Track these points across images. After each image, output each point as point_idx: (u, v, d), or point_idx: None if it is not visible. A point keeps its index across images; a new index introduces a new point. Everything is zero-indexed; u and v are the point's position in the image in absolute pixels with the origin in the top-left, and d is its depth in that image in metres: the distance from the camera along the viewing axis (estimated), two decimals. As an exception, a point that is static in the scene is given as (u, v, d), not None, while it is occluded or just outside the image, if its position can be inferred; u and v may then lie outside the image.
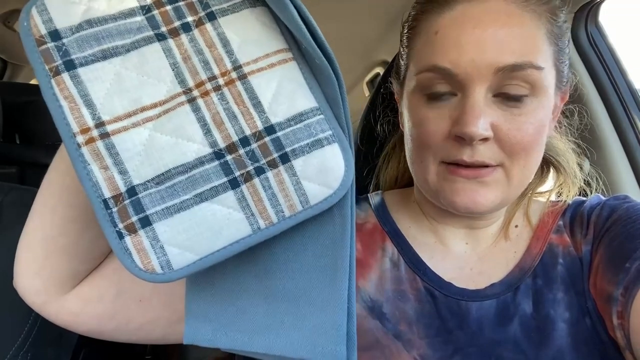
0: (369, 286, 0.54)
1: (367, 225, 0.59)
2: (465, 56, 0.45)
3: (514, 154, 0.47)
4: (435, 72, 0.48)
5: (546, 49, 0.47)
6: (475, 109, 0.45)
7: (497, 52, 0.45)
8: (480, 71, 0.45)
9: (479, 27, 0.45)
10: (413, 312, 0.52)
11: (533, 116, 0.47)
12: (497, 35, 0.45)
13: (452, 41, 0.47)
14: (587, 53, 1.02)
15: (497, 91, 0.46)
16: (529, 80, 0.45)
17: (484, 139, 0.46)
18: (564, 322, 0.49)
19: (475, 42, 0.45)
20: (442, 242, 0.57)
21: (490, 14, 0.46)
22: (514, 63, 0.45)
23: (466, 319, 0.51)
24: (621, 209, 0.52)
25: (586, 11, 1.01)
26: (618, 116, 0.97)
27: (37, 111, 1.14)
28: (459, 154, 0.47)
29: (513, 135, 0.46)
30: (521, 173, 0.48)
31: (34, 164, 1.13)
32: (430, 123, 0.49)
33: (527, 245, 0.55)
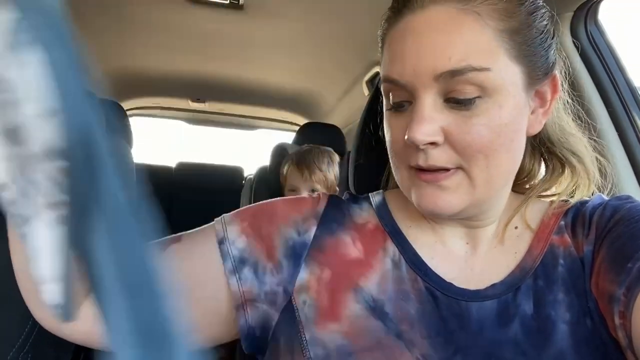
0: (370, 286, 0.54)
1: (368, 225, 0.59)
2: (408, 66, 0.48)
3: (469, 156, 0.47)
4: (388, 82, 0.51)
5: (496, 48, 0.47)
6: (418, 115, 0.47)
7: (434, 59, 0.46)
8: (422, 79, 0.47)
9: (418, 37, 0.48)
10: (415, 312, 0.52)
11: (486, 117, 0.47)
12: (435, 43, 0.46)
13: (398, 53, 0.49)
14: (586, 51, 1.02)
15: (446, 96, 0.47)
16: (474, 82, 0.46)
17: (432, 144, 0.47)
18: (565, 323, 0.49)
19: (415, 51, 0.47)
20: (442, 242, 0.57)
21: (429, 23, 0.47)
22: (452, 69, 0.45)
23: (467, 319, 0.51)
24: (623, 209, 0.52)
25: (585, 9, 1.01)
26: (618, 115, 0.97)
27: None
28: (414, 159, 0.49)
29: (463, 139, 0.47)
30: (485, 174, 0.48)
31: (34, 165, 1.13)
32: (393, 131, 0.52)
33: (529, 246, 0.55)
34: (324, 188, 1.60)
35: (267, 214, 0.58)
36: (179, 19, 1.67)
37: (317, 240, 0.57)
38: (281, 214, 0.58)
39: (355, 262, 0.56)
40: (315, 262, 0.56)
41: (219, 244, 0.55)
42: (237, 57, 2.05)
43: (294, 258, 0.55)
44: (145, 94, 2.68)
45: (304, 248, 0.56)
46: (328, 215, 0.59)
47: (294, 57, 2.00)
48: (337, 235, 0.58)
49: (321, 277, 0.55)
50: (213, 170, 2.90)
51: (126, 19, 1.69)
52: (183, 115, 3.05)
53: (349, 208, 0.62)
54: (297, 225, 0.58)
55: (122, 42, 1.95)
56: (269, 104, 2.76)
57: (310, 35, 1.73)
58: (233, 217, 0.58)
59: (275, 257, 0.55)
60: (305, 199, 0.62)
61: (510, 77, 0.48)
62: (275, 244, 0.56)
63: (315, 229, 0.58)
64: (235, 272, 0.54)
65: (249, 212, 0.59)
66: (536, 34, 0.49)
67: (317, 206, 0.60)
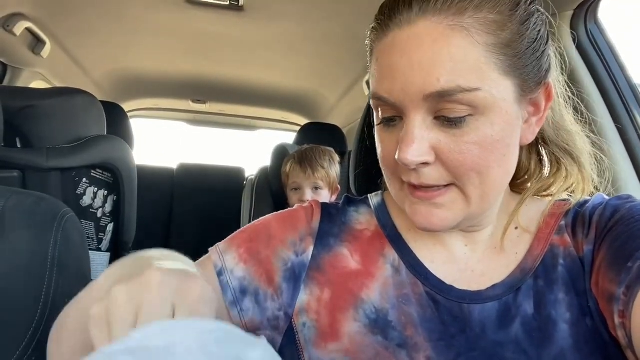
0: (373, 295, 0.54)
1: (365, 233, 0.59)
2: (397, 85, 0.46)
3: (462, 175, 0.47)
4: (377, 99, 0.50)
5: (485, 65, 0.45)
6: (408, 136, 0.46)
7: (423, 79, 0.44)
8: (411, 98, 0.46)
9: (405, 54, 0.45)
10: (417, 316, 0.52)
11: (478, 136, 0.45)
12: (423, 62, 0.44)
13: (386, 70, 0.48)
14: (586, 50, 1.02)
15: (436, 114, 0.46)
16: (464, 102, 0.44)
17: (424, 164, 0.47)
18: (565, 323, 0.49)
19: (403, 70, 0.46)
20: (442, 245, 0.57)
21: (417, 39, 0.45)
22: (441, 90, 0.44)
23: (468, 322, 0.51)
24: (624, 209, 0.51)
25: (585, 8, 1.01)
26: (618, 113, 0.97)
27: (37, 115, 1.14)
28: (407, 177, 0.49)
29: (455, 158, 0.46)
30: (479, 191, 0.47)
31: (36, 168, 1.13)
32: (384, 146, 0.51)
33: (529, 247, 0.55)
34: (326, 185, 1.61)
35: (263, 236, 0.57)
36: (179, 21, 1.68)
37: (315, 260, 0.57)
38: (277, 235, 0.57)
39: (355, 273, 0.55)
40: (314, 283, 0.55)
41: (218, 275, 0.54)
42: (238, 58, 2.05)
43: (293, 280, 0.55)
44: (146, 95, 2.68)
45: (303, 269, 0.56)
46: (324, 230, 0.59)
47: (293, 57, 2.00)
48: (335, 250, 0.57)
49: (321, 297, 0.54)
50: (214, 171, 2.90)
51: (127, 21, 1.69)
52: (184, 116, 3.05)
53: (345, 215, 0.61)
54: (294, 246, 0.57)
55: (123, 44, 1.95)
56: (270, 105, 2.76)
57: (310, 36, 1.73)
58: (228, 244, 0.57)
59: (275, 281, 0.55)
60: (298, 213, 0.61)
61: (502, 92, 0.46)
62: (275, 268, 0.55)
63: (313, 248, 0.57)
64: (236, 304, 0.53)
65: (244, 236, 0.58)
66: (528, 43, 0.47)
67: (312, 222, 0.59)
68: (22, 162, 1.11)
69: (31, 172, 1.13)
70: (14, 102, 1.10)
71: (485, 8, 0.45)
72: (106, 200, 1.41)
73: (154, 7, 1.57)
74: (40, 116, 1.15)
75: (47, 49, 1.73)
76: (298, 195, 1.62)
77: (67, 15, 1.62)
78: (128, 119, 1.88)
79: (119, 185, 1.42)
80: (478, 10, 0.45)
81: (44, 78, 1.94)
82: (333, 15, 1.54)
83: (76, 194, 1.26)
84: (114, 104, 1.86)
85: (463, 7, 0.44)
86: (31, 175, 1.13)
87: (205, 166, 2.91)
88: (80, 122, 1.29)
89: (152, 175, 2.68)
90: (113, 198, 1.44)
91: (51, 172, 1.16)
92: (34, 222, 0.74)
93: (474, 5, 0.45)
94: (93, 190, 1.33)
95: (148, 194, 2.12)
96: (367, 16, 0.55)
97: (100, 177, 1.37)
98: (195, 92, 2.64)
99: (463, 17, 0.44)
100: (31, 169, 1.12)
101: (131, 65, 2.23)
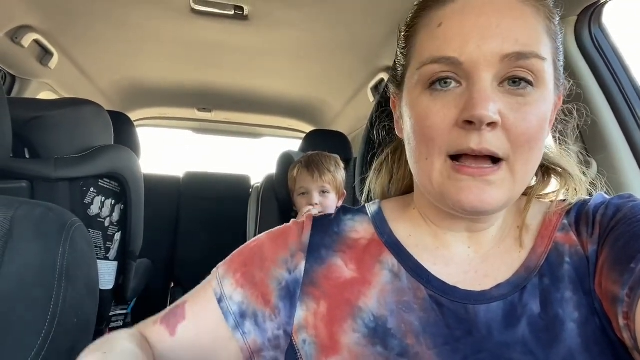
0: (370, 303, 0.53)
1: (361, 241, 0.59)
2: (471, 44, 0.46)
3: (518, 145, 0.47)
4: (439, 62, 0.48)
5: (547, 43, 0.48)
6: (483, 93, 0.45)
7: (502, 40, 0.45)
8: (486, 58, 0.46)
9: (482, 17, 0.47)
10: (419, 323, 0.51)
11: (537, 107, 0.47)
12: (501, 25, 0.46)
13: (456, 30, 0.47)
14: (590, 54, 1.02)
15: (503, 79, 0.47)
16: (533, 69, 0.46)
17: (492, 124, 0.46)
18: (574, 322, 0.48)
19: (479, 30, 0.46)
20: (444, 247, 0.56)
21: (493, 4, 0.47)
22: (519, 51, 0.45)
23: (474, 323, 0.50)
24: (626, 208, 0.51)
25: (589, 13, 1.01)
26: (623, 116, 0.97)
27: (45, 126, 1.15)
28: (466, 141, 0.46)
29: (519, 124, 0.46)
30: (524, 169, 0.48)
31: (44, 178, 1.14)
32: (435, 115, 0.48)
33: (532, 245, 0.54)
34: (334, 189, 1.61)
35: (257, 258, 0.58)
36: (184, 31, 1.69)
37: (308, 275, 0.56)
38: (270, 256, 0.58)
39: (351, 282, 0.55)
40: (310, 298, 0.55)
41: (219, 302, 0.56)
42: (243, 66, 2.07)
43: (289, 298, 0.56)
44: (152, 104, 2.70)
45: (297, 285, 0.56)
46: (315, 243, 0.59)
47: (298, 65, 2.01)
48: (328, 261, 0.57)
49: (318, 311, 0.54)
50: (220, 179, 2.91)
51: (133, 31, 1.71)
52: (190, 124, 3.07)
53: (339, 224, 0.61)
54: (286, 263, 0.57)
55: (130, 54, 1.97)
56: (275, 112, 2.77)
57: (315, 43, 1.74)
58: (226, 269, 0.58)
59: (271, 301, 0.55)
60: (290, 229, 0.61)
61: (551, 74, 0.49)
62: (270, 289, 0.56)
63: (305, 263, 0.57)
64: (238, 328, 0.55)
65: (240, 260, 0.59)
66: (560, 43, 0.51)
67: (302, 236, 0.59)
68: (31, 173, 1.12)
69: (39, 182, 1.14)
70: (23, 113, 1.11)
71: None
72: (113, 209, 1.41)
73: (160, 17, 1.58)
74: (49, 127, 1.16)
75: (54, 60, 1.76)
76: (306, 200, 1.62)
77: (74, 27, 1.64)
78: (135, 128, 1.90)
79: (126, 194, 1.43)
80: None
81: (52, 89, 1.96)
82: (337, 23, 1.55)
83: (84, 203, 1.27)
84: (121, 114, 1.88)
85: None
86: (39, 186, 1.14)
87: (211, 174, 2.92)
88: (87, 132, 1.30)
89: (159, 184, 2.69)
90: (120, 207, 1.45)
91: (59, 182, 1.17)
92: (43, 232, 0.75)
93: None
94: (100, 199, 1.34)
95: (155, 202, 2.13)
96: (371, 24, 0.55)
97: (108, 187, 1.38)
98: (201, 101, 2.66)
99: None
100: (39, 179, 1.14)
101: (137, 74, 2.25)
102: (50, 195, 1.15)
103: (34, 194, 1.14)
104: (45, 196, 1.14)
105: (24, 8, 1.44)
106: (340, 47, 1.75)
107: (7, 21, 1.45)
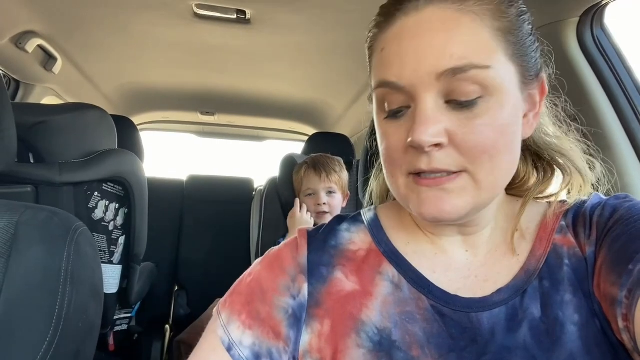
0: (373, 316, 0.53)
1: (359, 253, 0.58)
2: (407, 67, 0.47)
3: (475, 158, 0.46)
4: (385, 87, 0.49)
5: (494, 46, 0.46)
6: (422, 116, 0.46)
7: (436, 58, 0.45)
8: (423, 79, 0.46)
9: (416, 38, 0.47)
10: (423, 334, 0.51)
11: (490, 117, 0.46)
12: (434, 42, 0.46)
13: (394, 55, 0.48)
14: (593, 55, 1.01)
15: (448, 97, 0.46)
16: (476, 81, 0.45)
17: (437, 145, 0.46)
18: (574, 325, 0.48)
19: (414, 52, 0.46)
20: (442, 253, 0.56)
21: (426, 23, 0.47)
22: (454, 67, 0.45)
23: (479, 331, 0.50)
24: (623, 209, 0.51)
25: (591, 14, 1.01)
26: (626, 117, 0.97)
27: (50, 131, 1.16)
28: (417, 162, 0.48)
29: (469, 139, 0.46)
30: (490, 178, 0.47)
31: (48, 183, 1.14)
32: (390, 137, 0.50)
33: (531, 247, 0.54)
34: (339, 189, 1.63)
35: (258, 293, 0.56)
36: (187, 35, 1.70)
37: (312, 297, 0.56)
38: (269, 286, 0.56)
39: (352, 295, 0.54)
40: (314, 319, 0.54)
41: (228, 350, 0.53)
42: (245, 70, 2.07)
43: (296, 325, 0.54)
44: (155, 108, 2.71)
45: (303, 310, 0.55)
46: (313, 262, 0.58)
47: (301, 68, 2.02)
48: (329, 278, 0.56)
49: (322, 331, 0.53)
50: (223, 182, 2.91)
51: (136, 36, 1.72)
52: (193, 128, 3.08)
53: (336, 237, 0.60)
54: (288, 289, 0.56)
55: (133, 59, 1.98)
56: (278, 115, 2.78)
57: (317, 46, 1.75)
58: (230, 313, 0.55)
59: (282, 333, 0.54)
60: (283, 252, 0.59)
61: (509, 76, 0.47)
62: (278, 320, 0.54)
63: (307, 285, 0.56)
64: None
65: (241, 299, 0.56)
66: (526, 35, 0.49)
67: (299, 257, 0.58)
68: (35, 178, 1.13)
69: (44, 187, 1.15)
70: (27, 118, 1.12)
71: None
72: (117, 213, 1.42)
73: (163, 22, 1.59)
74: (53, 131, 1.17)
75: (58, 65, 1.76)
76: (314, 200, 1.63)
77: (78, 32, 1.65)
78: (138, 132, 1.90)
79: (130, 198, 1.44)
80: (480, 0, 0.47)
81: (56, 93, 1.97)
82: (339, 26, 1.55)
83: (88, 207, 1.28)
84: (124, 118, 1.89)
85: None
86: (44, 190, 1.15)
87: (214, 177, 2.93)
88: (91, 136, 1.30)
89: (162, 187, 2.69)
90: (124, 211, 1.46)
91: (64, 187, 1.18)
92: (48, 237, 0.75)
93: None
94: (105, 203, 1.34)
95: (158, 205, 2.13)
96: (372, 26, 0.56)
97: (112, 191, 1.38)
98: (204, 104, 2.67)
99: (469, 2, 0.46)
100: (44, 183, 1.14)
101: (141, 79, 2.26)
102: (54, 200, 1.16)
103: (39, 199, 1.14)
104: (50, 201, 1.14)
105: (28, 14, 1.45)
106: (342, 49, 1.75)
107: (12, 27, 1.46)
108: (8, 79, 1.75)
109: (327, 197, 1.62)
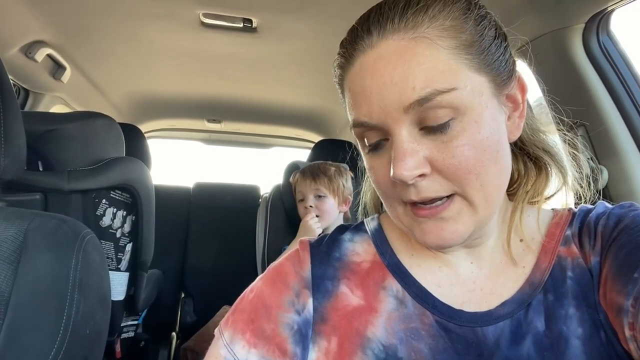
0: (378, 333, 0.52)
1: (363, 265, 0.57)
2: (374, 106, 0.46)
3: (461, 180, 0.46)
4: (359, 126, 0.49)
5: (455, 66, 0.45)
6: (399, 152, 0.46)
7: (399, 93, 0.45)
8: (392, 115, 0.46)
9: (376, 75, 0.46)
10: (428, 350, 0.50)
11: (466, 137, 0.45)
12: (394, 78, 0.45)
13: (360, 95, 0.48)
14: (599, 62, 1.01)
15: (421, 124, 0.46)
16: (444, 105, 0.44)
17: (421, 176, 0.46)
18: (578, 339, 0.48)
19: (377, 90, 0.46)
20: (447, 266, 0.55)
21: (383, 58, 0.46)
22: (419, 98, 0.44)
23: (484, 345, 0.49)
24: (627, 218, 0.50)
25: (597, 20, 1.01)
26: (634, 123, 0.97)
27: (58, 139, 1.17)
28: (407, 194, 0.47)
29: (450, 164, 0.45)
30: (482, 194, 0.47)
31: (57, 191, 1.15)
32: (377, 172, 0.51)
33: (536, 259, 0.53)
34: (330, 193, 1.62)
35: (261, 310, 0.54)
36: (194, 43, 1.71)
37: (318, 312, 0.55)
38: (273, 302, 0.55)
39: (358, 310, 0.54)
40: (321, 337, 0.54)
41: None
42: (251, 77, 2.08)
43: (302, 341, 0.54)
44: (162, 116, 2.73)
45: (308, 326, 0.54)
46: (317, 276, 0.56)
47: (307, 75, 2.02)
48: (334, 292, 0.55)
49: (329, 349, 0.53)
50: (230, 189, 2.92)
51: (143, 45, 1.73)
52: (199, 136, 3.09)
53: (339, 248, 0.59)
54: (293, 305, 0.55)
55: (140, 67, 2.00)
56: (284, 123, 2.79)
57: (322, 54, 1.75)
58: (233, 332, 0.54)
59: (288, 350, 0.53)
60: (285, 266, 0.58)
61: (478, 89, 0.46)
62: (283, 337, 0.53)
63: (312, 300, 0.55)
64: None
65: (244, 317, 0.55)
66: (490, 40, 0.48)
67: (302, 271, 0.57)
68: (44, 185, 1.14)
69: (53, 194, 1.16)
70: (36, 126, 1.13)
71: (440, 17, 0.46)
72: (125, 220, 1.43)
73: (170, 31, 1.61)
74: (62, 140, 1.18)
75: (67, 74, 1.78)
76: (304, 204, 1.64)
77: (87, 41, 1.67)
78: (145, 140, 1.92)
79: (137, 205, 1.45)
80: (433, 20, 0.46)
81: (64, 102, 1.99)
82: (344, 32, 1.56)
83: (96, 215, 1.29)
84: (132, 126, 1.90)
85: (418, 20, 0.46)
86: (53, 198, 1.16)
87: (221, 185, 2.94)
88: (100, 144, 1.32)
89: (169, 195, 2.71)
90: (132, 218, 1.46)
91: (72, 194, 1.19)
92: (56, 244, 0.76)
93: (429, 17, 0.46)
94: (112, 211, 1.35)
95: (165, 213, 2.14)
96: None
97: (119, 198, 1.39)
98: (211, 112, 2.68)
99: (421, 28, 0.46)
100: (53, 191, 1.15)
101: (148, 87, 2.27)
102: (63, 207, 1.17)
103: (48, 206, 1.15)
104: (59, 208, 1.15)
105: (37, 24, 1.47)
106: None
107: (21, 36, 1.48)
108: (18, 88, 1.77)
109: (315, 201, 1.62)
